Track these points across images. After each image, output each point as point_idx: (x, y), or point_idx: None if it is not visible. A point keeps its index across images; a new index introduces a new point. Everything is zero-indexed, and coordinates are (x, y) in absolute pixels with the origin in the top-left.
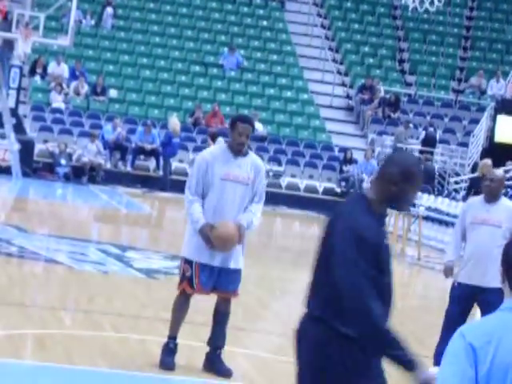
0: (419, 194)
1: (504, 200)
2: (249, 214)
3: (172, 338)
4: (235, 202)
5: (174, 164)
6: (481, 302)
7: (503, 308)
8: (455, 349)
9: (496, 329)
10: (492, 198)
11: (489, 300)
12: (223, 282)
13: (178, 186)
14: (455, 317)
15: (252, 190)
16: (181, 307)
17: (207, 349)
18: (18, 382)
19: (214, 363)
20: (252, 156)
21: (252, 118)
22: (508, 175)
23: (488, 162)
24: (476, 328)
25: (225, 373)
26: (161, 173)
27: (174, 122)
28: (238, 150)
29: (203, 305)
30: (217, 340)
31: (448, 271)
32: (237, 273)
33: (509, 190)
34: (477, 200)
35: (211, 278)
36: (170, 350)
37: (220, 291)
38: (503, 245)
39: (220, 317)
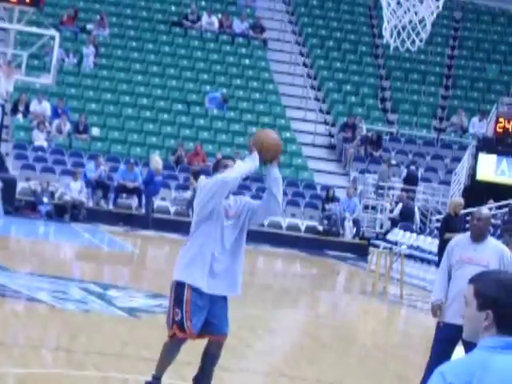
0: (401, 231)
1: (491, 239)
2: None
3: (157, 378)
4: (229, 235)
5: (157, 202)
6: (466, 342)
7: (482, 347)
8: None
9: (476, 368)
10: (479, 237)
11: None
12: (216, 323)
13: (160, 225)
14: (440, 357)
15: (242, 223)
16: (171, 352)
17: None
18: None
19: None
20: (243, 199)
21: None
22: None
23: (460, 200)
24: (456, 367)
25: None
26: (143, 211)
27: (156, 160)
28: None
29: (187, 344)
30: (203, 381)
31: (435, 310)
32: (226, 307)
33: (491, 228)
34: (463, 238)
35: (201, 315)
36: None
37: (211, 334)
38: None
39: (211, 359)
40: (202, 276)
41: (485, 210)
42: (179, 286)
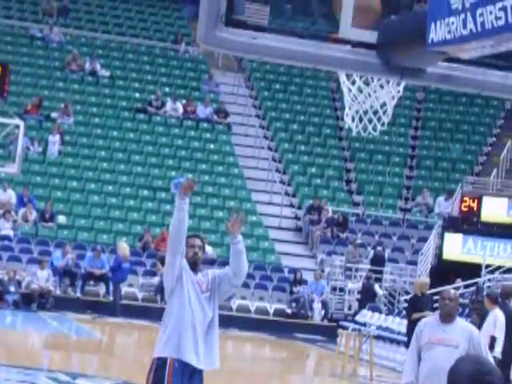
0: (370, 313)
1: (459, 320)
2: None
3: None
4: (210, 309)
5: (124, 289)
6: None
7: None
8: None
9: None
10: (449, 317)
11: None
12: None
13: (128, 311)
14: None
15: (215, 295)
16: None
17: None
18: None
19: None
20: (206, 271)
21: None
22: (460, 292)
23: (426, 280)
24: None
25: None
26: (111, 298)
27: (123, 246)
28: (194, 263)
29: None
30: None
31: None
32: (202, 379)
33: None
34: (432, 320)
35: None
36: None
37: None
38: None
39: None
40: (182, 349)
41: (453, 290)
42: (160, 362)
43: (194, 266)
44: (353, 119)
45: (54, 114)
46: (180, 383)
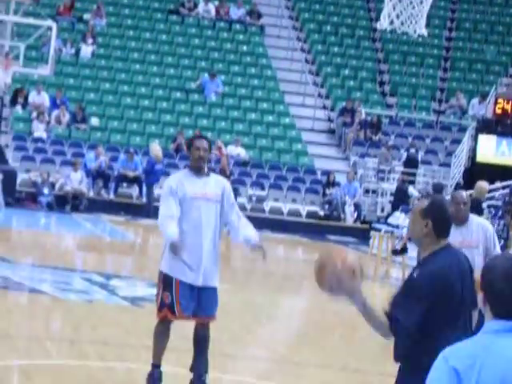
0: (403, 215)
1: (472, 217)
2: (249, 227)
3: (156, 366)
4: (209, 218)
5: (157, 191)
6: None
7: (485, 331)
8: (438, 372)
9: (479, 352)
10: (463, 220)
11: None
12: (203, 306)
13: (156, 212)
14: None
15: (223, 206)
16: (162, 335)
17: (191, 376)
18: None
19: None
20: (214, 176)
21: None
22: (493, 194)
23: (485, 185)
24: (459, 351)
25: None
26: (144, 200)
27: (156, 147)
28: (198, 167)
29: (187, 331)
30: (199, 366)
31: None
32: (215, 293)
33: (492, 209)
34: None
35: (191, 303)
36: (155, 380)
37: (200, 316)
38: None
39: (201, 342)
40: (183, 269)
41: (465, 193)
42: (167, 276)
43: (199, 169)
44: (390, 18)
45: (86, 16)
46: (189, 307)
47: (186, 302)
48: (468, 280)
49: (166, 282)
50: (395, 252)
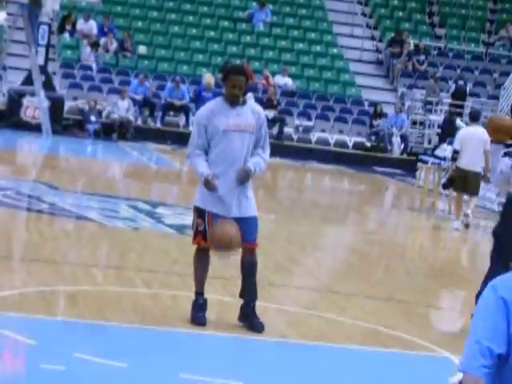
0: (450, 147)
1: None
2: (258, 159)
3: (199, 293)
4: (241, 150)
5: None
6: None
7: None
8: (487, 302)
9: None
10: None
11: None
12: (245, 231)
13: None
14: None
15: (255, 136)
16: (201, 262)
17: (241, 302)
18: (50, 338)
19: (247, 317)
20: (251, 104)
21: (244, 67)
22: None
23: None
24: (507, 281)
25: (257, 327)
26: (191, 128)
27: (209, 76)
28: (232, 102)
29: (233, 259)
30: (249, 293)
31: None
32: (251, 222)
33: None
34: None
35: None
36: (199, 306)
37: (243, 242)
38: None
39: (247, 269)
40: (216, 201)
41: None
42: (200, 209)
43: (233, 102)
44: None
45: None
46: (223, 216)
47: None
48: None
49: (199, 213)
50: (445, 186)
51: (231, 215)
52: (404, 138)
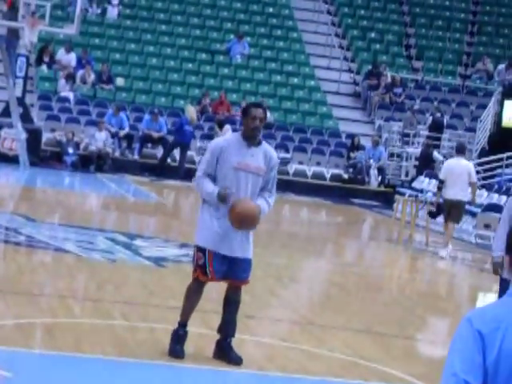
0: (427, 179)
1: None
2: (263, 202)
3: (182, 325)
4: (247, 191)
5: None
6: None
7: (510, 293)
8: (463, 336)
9: (504, 315)
10: None
11: None
12: (235, 270)
13: (187, 174)
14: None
15: (264, 179)
16: (194, 294)
17: (218, 337)
18: (27, 371)
19: (224, 351)
20: (265, 146)
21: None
22: None
23: None
24: (483, 314)
25: (235, 360)
26: (169, 160)
27: (192, 109)
28: (252, 136)
29: (213, 292)
30: (228, 328)
31: (498, 267)
32: (248, 262)
33: None
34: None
35: (223, 266)
36: (179, 337)
37: (232, 279)
38: None
39: (231, 305)
40: (216, 239)
41: None
42: (200, 247)
43: (251, 138)
44: None
45: None
46: (221, 270)
47: (218, 264)
48: None
49: (200, 248)
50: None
51: (234, 255)
52: (381, 171)
